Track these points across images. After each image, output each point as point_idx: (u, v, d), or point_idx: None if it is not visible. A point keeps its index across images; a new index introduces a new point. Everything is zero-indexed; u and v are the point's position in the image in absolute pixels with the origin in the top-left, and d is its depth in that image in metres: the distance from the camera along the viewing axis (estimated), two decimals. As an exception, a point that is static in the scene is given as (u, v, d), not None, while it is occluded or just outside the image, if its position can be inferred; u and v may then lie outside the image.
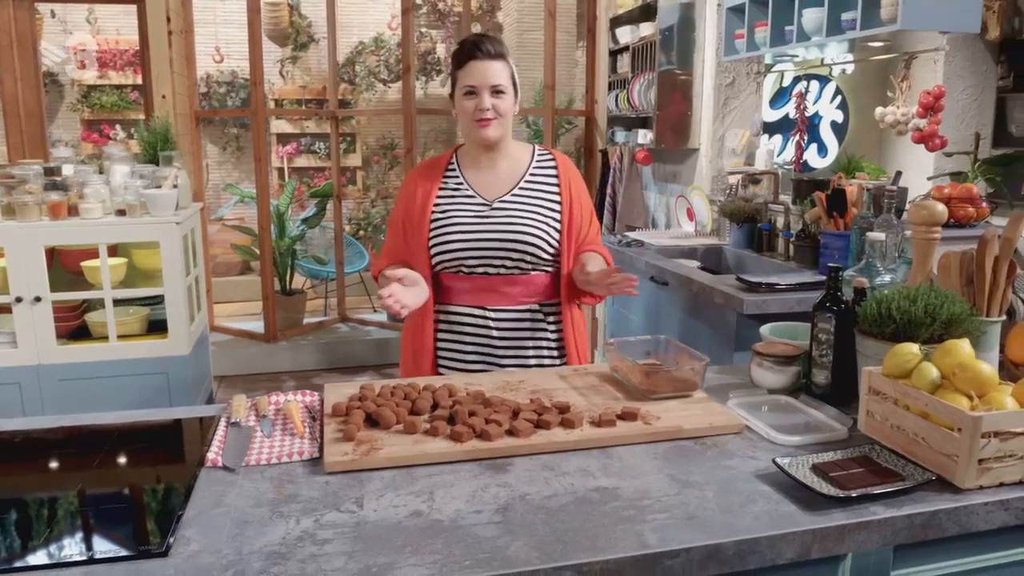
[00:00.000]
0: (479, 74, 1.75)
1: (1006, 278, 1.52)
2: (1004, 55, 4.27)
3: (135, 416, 1.48)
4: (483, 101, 1.76)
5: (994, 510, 1.14)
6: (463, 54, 1.77)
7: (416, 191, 1.86)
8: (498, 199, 1.83)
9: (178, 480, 1.21)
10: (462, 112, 1.80)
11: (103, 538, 1.03)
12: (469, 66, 1.76)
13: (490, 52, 1.76)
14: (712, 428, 1.36)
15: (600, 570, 0.98)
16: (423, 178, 1.88)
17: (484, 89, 1.76)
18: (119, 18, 6.23)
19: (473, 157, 1.87)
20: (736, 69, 3.80)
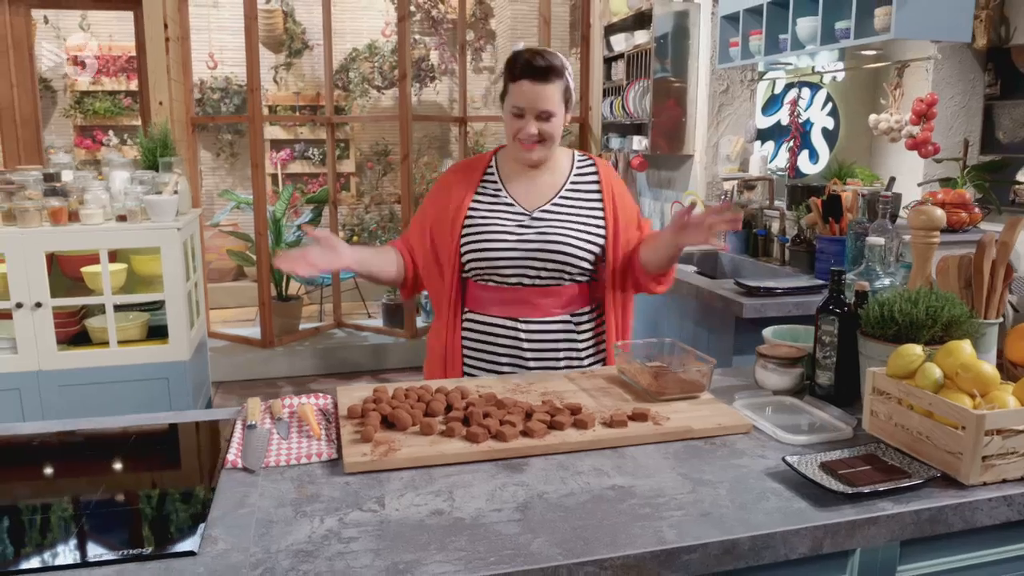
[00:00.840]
0: (528, 97, 1.69)
1: (1003, 281, 1.56)
2: (991, 63, 4.35)
3: (151, 419, 1.49)
4: (530, 126, 1.71)
5: (998, 506, 1.17)
6: (516, 70, 1.70)
7: (451, 193, 1.82)
8: (538, 208, 1.79)
9: (199, 481, 1.23)
10: (508, 125, 1.76)
11: (131, 538, 1.05)
12: (519, 85, 1.69)
13: (543, 74, 1.68)
14: (721, 428, 1.39)
15: (621, 565, 1.00)
16: (459, 181, 1.84)
17: (532, 113, 1.70)
18: (112, 24, 6.22)
19: (514, 164, 1.83)
20: (730, 76, 3.85)
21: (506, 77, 1.73)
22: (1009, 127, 4.28)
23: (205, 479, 1.22)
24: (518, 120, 1.72)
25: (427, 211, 1.86)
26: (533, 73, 1.68)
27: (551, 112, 1.71)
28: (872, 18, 2.59)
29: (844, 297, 1.52)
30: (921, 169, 4.59)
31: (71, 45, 6.23)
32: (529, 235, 1.76)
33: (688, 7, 3.90)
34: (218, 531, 1.06)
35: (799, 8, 2.93)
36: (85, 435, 1.40)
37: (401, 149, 4.54)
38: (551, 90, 1.70)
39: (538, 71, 1.68)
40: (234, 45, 6.33)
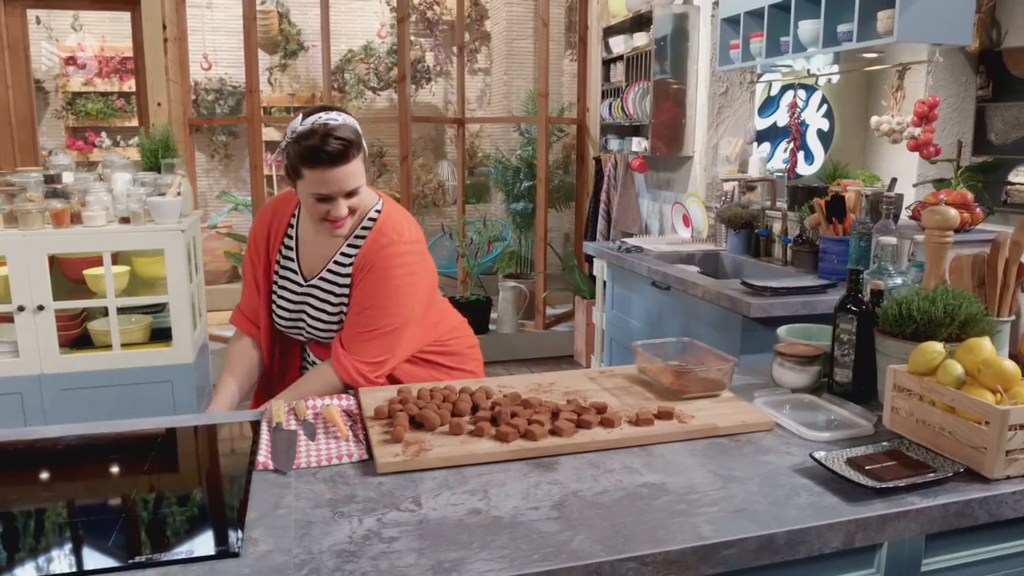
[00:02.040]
0: (333, 184, 1.56)
1: (1015, 280, 1.59)
2: (983, 66, 4.41)
3: (172, 422, 1.49)
4: (339, 208, 1.59)
5: (1021, 499, 1.20)
6: (310, 158, 1.53)
7: (260, 255, 1.79)
8: (313, 278, 1.74)
9: (231, 483, 1.23)
10: (309, 207, 1.62)
11: (170, 540, 1.05)
12: (318, 173, 1.54)
13: (343, 157, 1.54)
14: (745, 426, 1.41)
15: (662, 561, 1.02)
16: (267, 239, 1.79)
17: (340, 195, 1.58)
18: (104, 25, 6.18)
19: (311, 226, 1.72)
20: (729, 78, 3.88)
21: (296, 161, 1.56)
22: (1001, 129, 4.34)
23: (237, 481, 1.22)
24: (324, 204, 1.59)
25: (248, 269, 1.83)
26: (334, 160, 1.53)
27: (359, 186, 1.61)
28: (874, 21, 2.62)
29: (863, 296, 1.55)
30: (914, 170, 4.64)
31: (64, 46, 6.18)
32: (300, 304, 1.77)
33: (688, 9, 3.92)
34: (258, 532, 1.06)
35: (801, 11, 2.96)
36: (106, 438, 1.40)
37: (400, 150, 4.54)
38: (353, 166, 1.57)
39: (339, 156, 1.53)
40: (228, 46, 6.31)
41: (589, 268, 4.64)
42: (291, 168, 1.59)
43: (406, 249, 1.69)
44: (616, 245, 3.60)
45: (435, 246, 6.35)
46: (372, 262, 1.67)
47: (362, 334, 1.66)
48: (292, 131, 1.57)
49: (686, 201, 3.85)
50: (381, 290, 1.66)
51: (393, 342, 1.68)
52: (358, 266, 1.68)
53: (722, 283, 2.74)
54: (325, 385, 1.66)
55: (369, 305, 1.67)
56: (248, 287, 1.85)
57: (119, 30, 6.21)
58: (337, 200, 1.59)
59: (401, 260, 1.67)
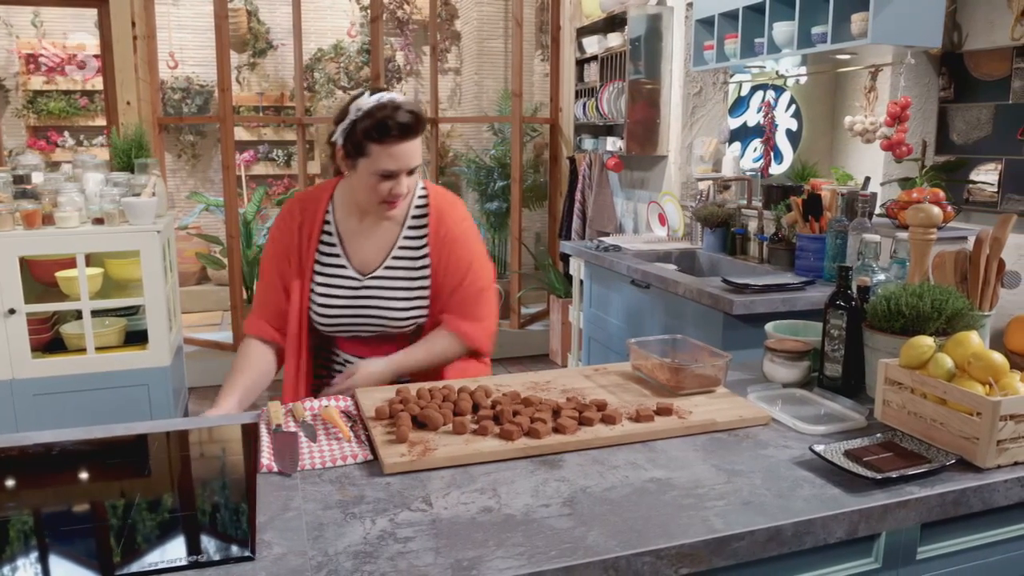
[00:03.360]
0: (401, 159, 1.56)
1: (996, 275, 1.64)
2: (945, 68, 4.54)
3: (167, 425, 1.47)
4: (401, 186, 1.59)
5: (1013, 487, 1.24)
6: (385, 132, 1.53)
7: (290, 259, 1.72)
8: (371, 273, 1.72)
9: (236, 486, 1.21)
10: (368, 188, 1.60)
11: (182, 544, 1.04)
12: (389, 148, 1.54)
13: (415, 130, 1.55)
14: (742, 421, 1.44)
15: (676, 554, 1.03)
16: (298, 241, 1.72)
17: (404, 172, 1.58)
18: (66, 21, 6.03)
19: (355, 216, 1.71)
20: (703, 79, 3.93)
21: (363, 136, 1.55)
22: (963, 129, 4.47)
23: (242, 484, 1.21)
24: (386, 182, 1.58)
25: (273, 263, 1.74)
26: (405, 133, 1.54)
27: (419, 165, 1.62)
28: (848, 23, 2.68)
29: (852, 291, 1.58)
30: (880, 168, 4.76)
31: (23, 43, 6.01)
32: (358, 304, 1.72)
33: (662, 10, 3.97)
34: (269, 535, 1.05)
35: (775, 13, 3.01)
36: (99, 443, 1.37)
37: (374, 150, 4.51)
38: (418, 142, 1.59)
39: (409, 129, 1.54)
40: (195, 44, 6.20)
41: (564, 267, 4.66)
42: (355, 147, 1.57)
43: (466, 213, 1.77)
44: (594, 244, 3.62)
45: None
46: (449, 234, 1.70)
47: (469, 300, 1.71)
48: (358, 108, 1.56)
49: (662, 200, 3.90)
50: (469, 254, 1.71)
51: (492, 298, 1.76)
52: (436, 243, 1.69)
53: (703, 281, 2.78)
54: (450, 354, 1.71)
55: (466, 270, 1.70)
56: (274, 293, 1.73)
57: (81, 27, 6.06)
58: (400, 177, 1.58)
59: (468, 223, 1.75)
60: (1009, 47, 4.08)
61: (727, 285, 2.60)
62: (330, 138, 1.63)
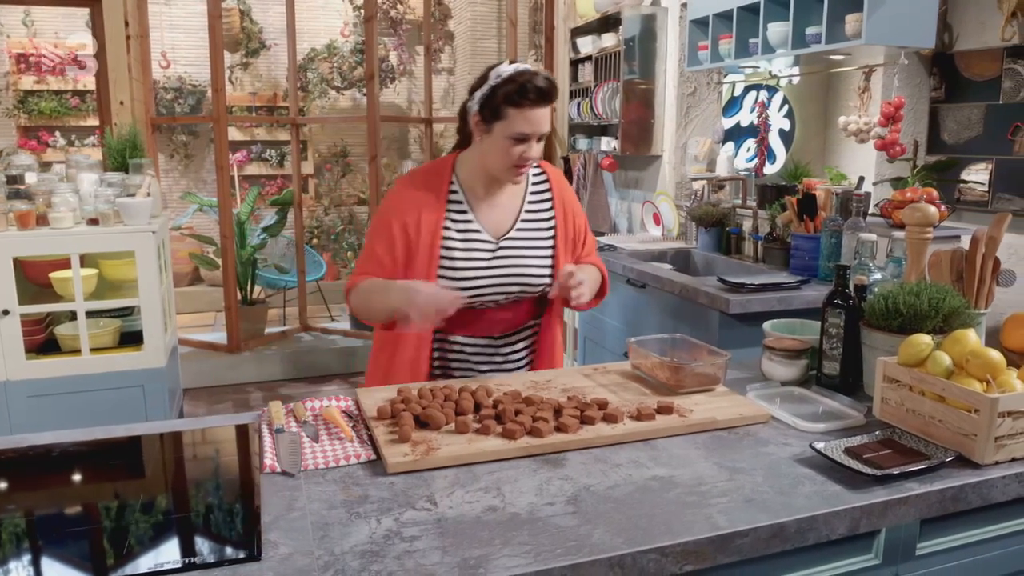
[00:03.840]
0: (535, 122, 1.63)
1: (991, 274, 1.66)
2: (936, 68, 4.58)
3: (168, 426, 1.47)
4: (533, 150, 1.66)
5: (1010, 483, 1.25)
6: (523, 96, 1.61)
7: (420, 216, 1.72)
8: (504, 236, 1.77)
9: (240, 487, 1.22)
10: (501, 151, 1.66)
11: (188, 545, 1.04)
12: (525, 112, 1.61)
13: (550, 96, 1.64)
14: (742, 419, 1.44)
15: (681, 552, 1.04)
16: (424, 200, 1.74)
17: (536, 137, 1.65)
18: (57, 21, 5.99)
19: (481, 184, 1.77)
20: (697, 79, 3.95)
21: (502, 100, 1.62)
22: (953, 129, 4.50)
23: (246, 484, 1.21)
24: (519, 145, 1.65)
25: (393, 236, 1.73)
26: (541, 97, 1.62)
27: (547, 131, 1.69)
28: (842, 24, 2.70)
29: (850, 290, 1.59)
30: (871, 168, 4.78)
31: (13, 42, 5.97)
32: (497, 265, 1.75)
33: (656, 10, 3.98)
34: (275, 535, 1.05)
35: (770, 13, 3.03)
36: (103, 444, 1.37)
37: (369, 150, 4.51)
38: (548, 110, 1.67)
39: (545, 94, 1.63)
40: (187, 44, 6.18)
41: (559, 267, 4.66)
42: (492, 111, 1.64)
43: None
44: (590, 244, 3.63)
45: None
46: (570, 199, 1.88)
47: (592, 248, 1.95)
48: (498, 75, 1.65)
49: (656, 200, 3.91)
50: (580, 215, 1.91)
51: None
52: (559, 208, 1.85)
53: (699, 280, 2.79)
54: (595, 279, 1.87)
55: (584, 231, 1.92)
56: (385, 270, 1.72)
57: (72, 27, 6.03)
58: (531, 142, 1.66)
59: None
60: (999, 47, 4.12)
61: (723, 284, 2.62)
62: (463, 107, 1.74)
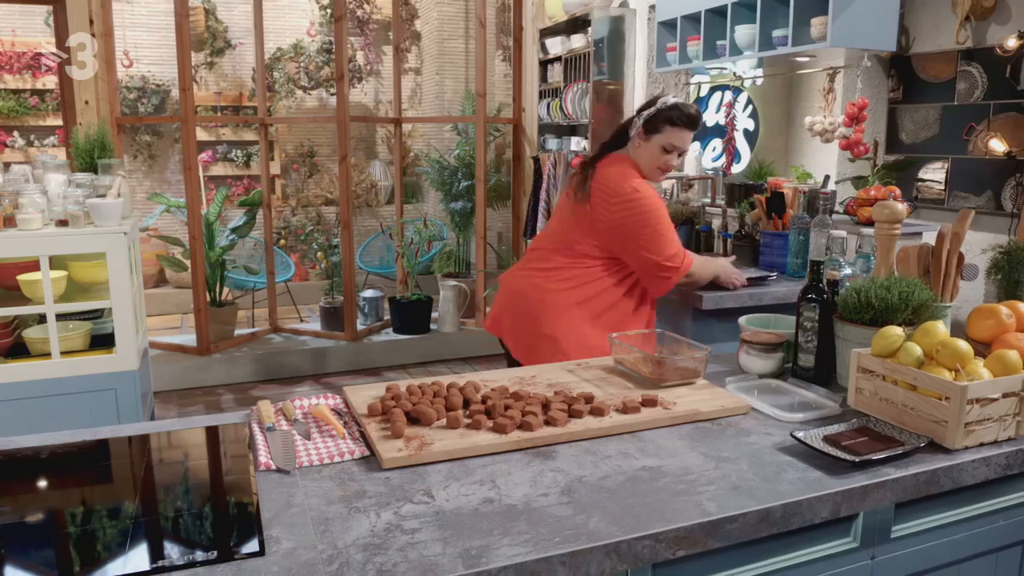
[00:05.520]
0: (682, 141, 2.22)
1: (956, 268, 1.73)
2: (894, 70, 4.72)
3: (157, 427, 1.46)
4: (673, 160, 2.26)
5: (979, 466, 1.32)
6: (681, 119, 2.20)
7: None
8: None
9: (237, 485, 1.22)
10: (654, 156, 2.24)
11: (192, 542, 1.04)
12: (678, 131, 2.20)
13: (696, 124, 2.22)
14: (724, 410, 1.49)
15: (673, 538, 1.08)
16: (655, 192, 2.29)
17: (679, 152, 2.24)
18: (15, 19, 5.84)
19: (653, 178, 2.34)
20: (665, 80, 4.02)
21: (663, 119, 2.20)
22: (911, 129, 4.65)
23: (242, 482, 1.22)
24: (666, 155, 2.24)
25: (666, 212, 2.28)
26: (691, 124, 2.22)
27: (687, 150, 2.29)
28: (808, 27, 2.78)
29: (823, 285, 1.65)
30: (833, 167, 4.91)
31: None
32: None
33: (624, 12, 4.04)
34: (277, 531, 1.06)
35: (737, 16, 3.10)
36: (90, 445, 1.36)
37: (339, 150, 4.49)
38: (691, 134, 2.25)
39: (694, 122, 2.22)
40: (150, 43, 6.08)
41: (531, 266, 4.69)
42: (654, 126, 2.22)
43: None
44: (563, 242, 3.66)
45: (370, 246, 6.30)
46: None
47: None
48: (664, 103, 2.24)
49: (627, 199, 3.96)
50: None
51: None
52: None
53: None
54: None
55: None
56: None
57: (30, 24, 5.89)
58: (674, 154, 2.25)
59: None
60: (954, 50, 4.26)
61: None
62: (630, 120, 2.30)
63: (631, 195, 2.19)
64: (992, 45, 4.01)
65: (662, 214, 2.23)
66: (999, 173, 4.10)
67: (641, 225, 2.19)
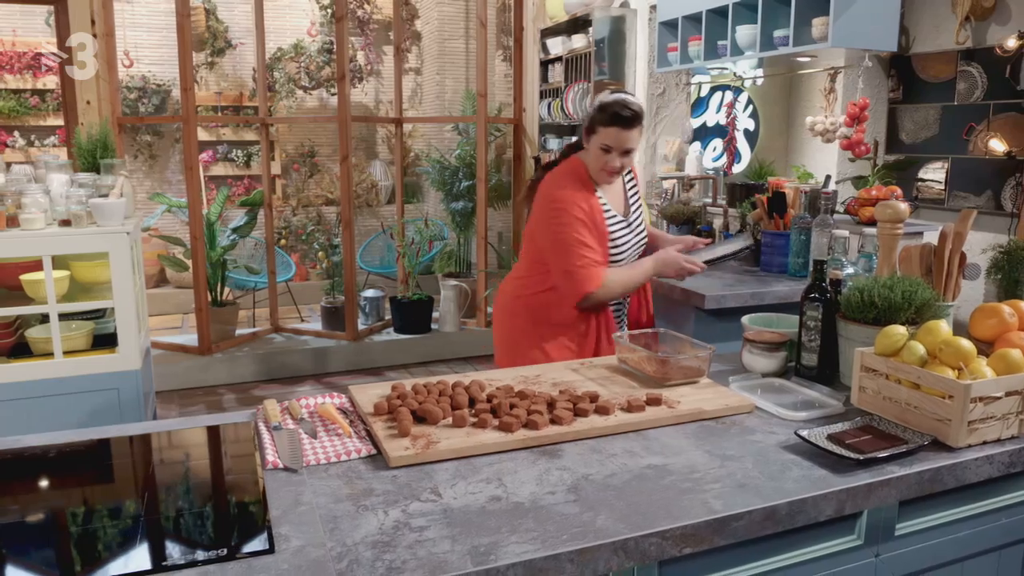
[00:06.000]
0: (616, 140, 2.06)
1: (958, 267, 1.74)
2: (894, 70, 4.73)
3: (165, 425, 1.47)
4: (614, 162, 2.10)
5: (982, 464, 1.32)
6: (606, 118, 2.05)
7: (591, 210, 2.13)
8: (626, 214, 2.25)
9: (245, 483, 1.23)
10: (595, 157, 2.11)
11: (202, 540, 1.05)
12: (609, 131, 2.05)
13: (630, 122, 2.05)
14: (728, 409, 1.50)
15: (680, 535, 1.09)
16: (587, 199, 2.14)
17: (618, 151, 2.08)
18: (15, 18, 5.84)
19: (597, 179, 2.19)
20: (666, 80, 4.03)
21: (596, 119, 2.08)
22: (911, 129, 4.66)
23: (250, 481, 1.22)
24: (605, 155, 2.10)
25: (587, 225, 2.12)
26: (621, 122, 2.05)
27: (632, 149, 2.12)
28: (809, 27, 2.79)
29: (827, 284, 1.66)
30: (833, 167, 4.92)
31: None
32: (632, 233, 2.24)
33: (625, 12, 4.05)
34: (286, 529, 1.07)
35: (738, 16, 3.11)
36: (99, 444, 1.37)
37: (340, 150, 4.50)
38: (634, 133, 2.08)
39: (626, 120, 2.04)
40: (150, 43, 6.08)
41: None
42: (591, 127, 2.10)
43: None
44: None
45: (371, 246, 6.30)
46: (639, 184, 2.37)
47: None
48: (598, 101, 2.09)
49: (628, 199, 3.97)
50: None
51: None
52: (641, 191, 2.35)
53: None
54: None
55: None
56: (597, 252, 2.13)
57: (30, 24, 5.89)
58: (614, 154, 2.09)
59: None
60: (954, 50, 4.28)
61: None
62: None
63: (551, 202, 2.12)
64: (992, 45, 4.03)
65: (574, 227, 2.09)
66: (999, 173, 4.11)
67: (551, 233, 2.12)
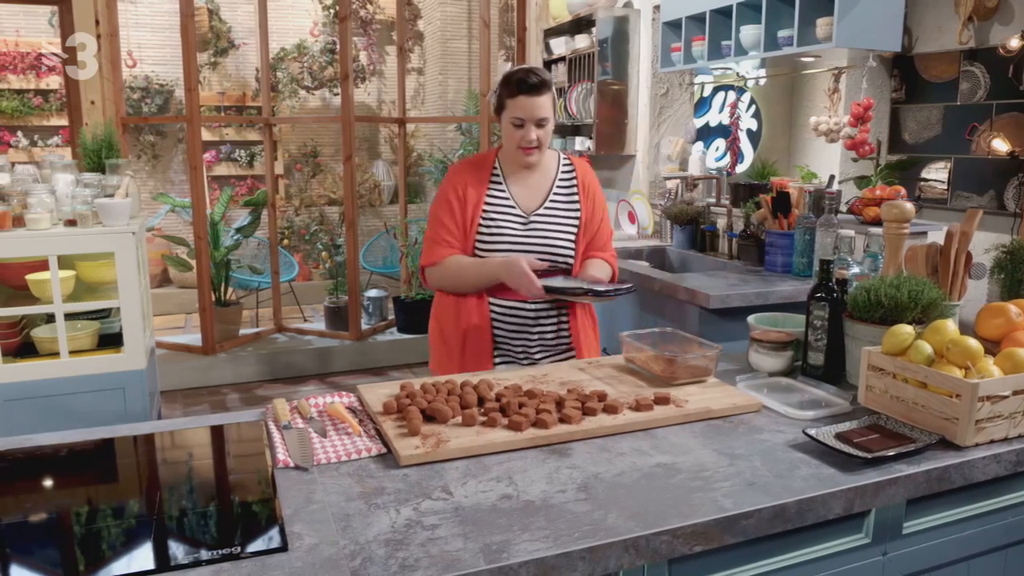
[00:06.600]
0: (527, 109, 1.91)
1: (964, 267, 1.75)
2: (897, 70, 4.73)
3: (174, 425, 1.48)
4: (530, 133, 1.93)
5: (989, 463, 1.33)
6: (512, 88, 1.91)
7: (467, 192, 2.00)
8: (534, 211, 2.02)
9: (256, 482, 1.23)
10: (508, 135, 1.96)
11: (216, 538, 1.06)
12: (517, 101, 1.91)
13: (537, 88, 1.91)
14: (736, 408, 1.50)
15: (691, 533, 1.09)
16: (472, 181, 2.02)
17: (531, 122, 1.92)
18: (18, 19, 5.85)
19: (514, 167, 2.04)
20: (669, 80, 4.03)
21: (503, 94, 1.94)
22: (914, 129, 4.66)
23: (262, 479, 1.23)
24: (519, 130, 1.94)
25: (452, 205, 2.01)
26: (529, 89, 1.90)
27: (547, 118, 1.94)
28: (813, 27, 2.79)
29: (833, 284, 1.67)
30: (836, 167, 4.92)
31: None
32: (529, 234, 2.00)
33: (628, 12, 4.05)
34: (298, 527, 1.08)
35: (742, 16, 3.11)
36: (107, 443, 1.37)
37: (344, 150, 4.50)
38: (544, 100, 1.92)
39: (533, 87, 1.90)
40: (153, 43, 6.09)
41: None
42: (500, 103, 1.96)
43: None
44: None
45: (374, 246, 6.31)
46: (592, 186, 2.10)
47: (604, 236, 2.10)
48: (503, 75, 1.96)
49: (631, 198, 3.98)
50: (603, 203, 2.13)
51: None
52: (584, 194, 2.07)
53: (679, 277, 2.86)
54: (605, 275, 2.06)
55: (603, 214, 2.11)
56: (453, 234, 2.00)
57: (34, 24, 5.90)
58: (529, 126, 1.92)
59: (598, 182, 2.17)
60: (957, 50, 4.28)
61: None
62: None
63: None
64: (995, 45, 4.03)
65: (439, 204, 2.03)
66: (1002, 173, 4.11)
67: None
